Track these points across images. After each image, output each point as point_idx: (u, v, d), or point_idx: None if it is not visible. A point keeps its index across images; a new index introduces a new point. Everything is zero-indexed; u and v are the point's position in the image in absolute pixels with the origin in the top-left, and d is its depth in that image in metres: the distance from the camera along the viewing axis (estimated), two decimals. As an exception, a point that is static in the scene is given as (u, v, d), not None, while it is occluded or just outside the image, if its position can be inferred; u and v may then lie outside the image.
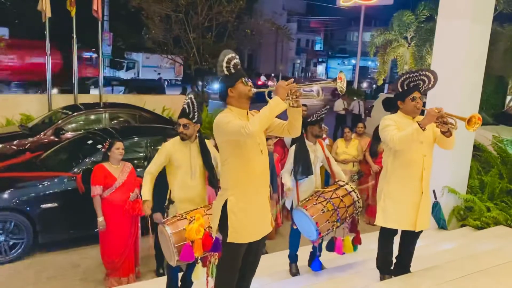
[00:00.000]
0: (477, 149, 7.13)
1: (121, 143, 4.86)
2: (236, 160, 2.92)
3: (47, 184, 5.63)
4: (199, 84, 14.96)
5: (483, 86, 6.33)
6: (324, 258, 4.56)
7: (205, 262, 3.52)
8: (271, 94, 2.89)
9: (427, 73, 3.64)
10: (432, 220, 6.08)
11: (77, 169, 5.81)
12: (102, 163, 4.85)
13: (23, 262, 5.39)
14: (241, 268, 3.07)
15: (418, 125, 3.34)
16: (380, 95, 15.67)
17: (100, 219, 4.70)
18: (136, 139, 6.64)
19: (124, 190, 4.79)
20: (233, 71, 2.93)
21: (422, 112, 3.63)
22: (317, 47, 57.09)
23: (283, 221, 6.50)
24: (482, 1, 5.93)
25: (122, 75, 28.96)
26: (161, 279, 4.25)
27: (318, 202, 4.09)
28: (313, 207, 4.07)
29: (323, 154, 4.45)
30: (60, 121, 8.64)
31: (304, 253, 4.53)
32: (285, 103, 2.76)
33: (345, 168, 7.42)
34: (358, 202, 4.25)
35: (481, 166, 6.97)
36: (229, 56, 2.93)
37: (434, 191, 6.06)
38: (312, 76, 50.84)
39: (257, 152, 2.95)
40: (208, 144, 3.98)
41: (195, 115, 3.86)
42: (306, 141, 4.32)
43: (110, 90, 20.45)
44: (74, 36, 11.52)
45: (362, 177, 7.45)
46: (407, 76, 3.66)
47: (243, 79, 2.94)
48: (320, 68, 55.66)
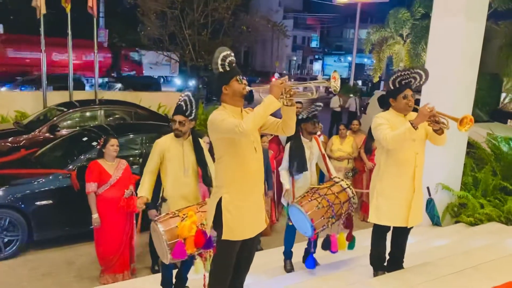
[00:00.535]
0: (471, 146, 7.17)
1: (115, 140, 4.85)
2: (231, 157, 2.93)
3: (42, 181, 5.62)
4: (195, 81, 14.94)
5: (478, 83, 6.36)
6: (318, 254, 4.57)
7: (202, 258, 3.54)
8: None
9: (418, 71, 3.67)
10: (426, 216, 6.11)
11: (72, 166, 5.80)
12: (97, 160, 4.86)
13: (18, 259, 5.39)
14: (235, 265, 3.09)
15: (411, 124, 3.36)
16: (375, 92, 15.70)
17: (94, 216, 4.70)
18: (131, 136, 6.64)
19: (119, 187, 4.79)
20: (228, 68, 2.94)
21: (414, 108, 3.64)
22: (313, 44, 57.07)
23: (279, 218, 6.52)
24: (477, -2, 5.95)
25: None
26: (156, 276, 4.25)
27: (313, 199, 4.11)
28: (308, 203, 4.09)
29: (319, 151, 4.47)
30: (55, 118, 8.62)
31: (299, 250, 4.55)
32: (279, 101, 2.77)
33: (340, 165, 7.44)
34: (353, 199, 4.26)
35: (475, 163, 7.01)
36: (224, 53, 2.93)
37: (428, 188, 6.07)
38: (308, 73, 50.81)
39: (251, 150, 2.96)
40: (201, 142, 3.98)
41: (192, 113, 3.87)
42: (302, 138, 4.34)
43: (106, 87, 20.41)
44: (69, 33, 11.47)
45: (356, 174, 7.48)
46: (398, 74, 3.68)
47: (237, 76, 2.94)
48: (316, 65, 55.65)
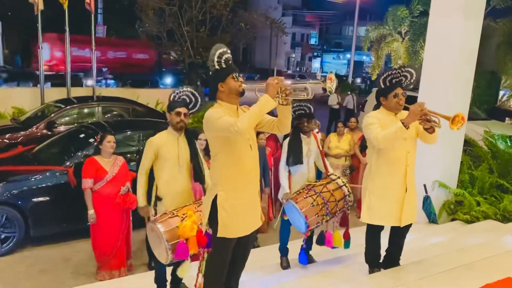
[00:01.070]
0: (468, 144, 7.19)
1: (112, 136, 4.86)
2: (226, 155, 2.93)
3: (39, 178, 5.62)
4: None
5: (476, 81, 6.38)
6: (314, 251, 4.60)
7: (196, 257, 3.51)
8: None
9: (409, 69, 3.69)
10: (423, 214, 6.14)
11: (69, 162, 5.80)
12: (94, 156, 4.86)
13: (15, 256, 5.39)
14: (231, 262, 3.10)
15: (402, 123, 3.36)
16: (373, 90, 15.71)
17: (90, 212, 4.71)
18: (129, 132, 6.64)
19: (115, 183, 4.80)
20: (224, 65, 2.94)
21: (405, 107, 3.65)
22: (312, 41, 57.01)
23: (276, 215, 6.53)
24: (474, -4, 5.96)
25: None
26: (153, 272, 4.26)
27: (309, 196, 4.13)
28: (303, 200, 4.10)
29: (317, 148, 4.48)
30: (52, 115, 8.62)
31: (296, 247, 4.56)
32: (275, 101, 2.77)
33: (338, 163, 7.45)
34: (349, 196, 4.27)
35: (472, 160, 7.03)
36: (221, 50, 2.93)
37: (425, 185, 6.11)
38: (307, 71, 50.79)
39: (246, 148, 2.97)
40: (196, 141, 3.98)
41: (197, 105, 3.92)
42: (300, 134, 4.36)
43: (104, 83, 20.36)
44: (67, 29, 11.45)
45: (354, 171, 7.49)
46: (389, 73, 3.70)
47: (234, 74, 2.94)
48: (315, 63, 55.62)
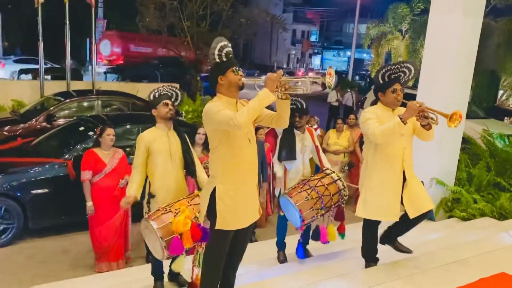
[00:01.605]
0: (466, 142, 7.23)
1: (112, 129, 4.88)
2: (225, 148, 2.95)
3: (38, 170, 5.65)
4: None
5: (475, 80, 6.42)
6: (311, 246, 4.63)
7: (192, 251, 3.53)
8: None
9: (408, 65, 3.69)
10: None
11: (68, 155, 5.82)
12: (93, 148, 4.89)
13: (14, 247, 5.43)
14: (228, 254, 3.13)
15: (400, 118, 3.38)
16: (373, 87, 15.74)
17: (89, 203, 4.75)
18: (128, 126, 6.66)
19: (114, 176, 4.82)
20: (224, 59, 2.96)
21: (403, 103, 3.66)
22: (313, 38, 56.90)
23: (274, 210, 6.56)
24: (474, -6, 5.98)
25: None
26: (150, 265, 4.29)
27: (303, 190, 4.14)
28: (298, 194, 4.12)
29: (312, 143, 4.50)
30: (52, 108, 8.64)
31: (293, 241, 4.60)
32: (274, 95, 2.79)
33: (336, 159, 7.50)
34: (344, 191, 4.29)
35: (470, 159, 7.06)
36: (222, 44, 2.96)
37: (422, 182, 6.14)
38: (308, 68, 50.73)
39: (245, 141, 2.99)
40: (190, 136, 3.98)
41: (178, 100, 3.92)
42: (294, 130, 4.37)
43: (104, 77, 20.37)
44: (67, 22, 11.44)
45: (352, 167, 7.53)
46: (388, 68, 3.69)
47: (234, 67, 2.96)
48: (316, 60, 55.54)
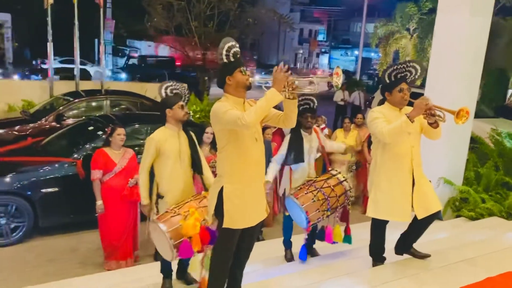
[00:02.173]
0: (475, 141, 7.18)
1: (122, 129, 4.93)
2: (232, 148, 2.98)
3: (48, 169, 5.72)
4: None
5: (484, 79, 6.39)
6: (318, 245, 4.64)
7: (201, 251, 3.54)
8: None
9: (414, 64, 3.68)
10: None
11: (77, 154, 5.88)
12: (103, 148, 4.94)
13: (24, 245, 5.50)
14: (236, 253, 3.15)
15: (407, 117, 3.38)
16: (380, 87, 15.68)
17: (98, 202, 4.80)
18: (137, 126, 6.71)
19: (123, 175, 4.87)
20: (232, 59, 2.98)
21: (410, 103, 3.66)
22: (320, 37, 56.75)
23: (280, 209, 6.57)
24: (482, -7, 5.95)
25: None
26: (159, 263, 4.33)
27: (309, 191, 4.14)
28: (304, 196, 4.13)
29: (319, 143, 4.51)
30: (61, 108, 8.73)
31: (300, 240, 4.60)
32: (281, 95, 2.81)
33: (344, 159, 7.47)
34: (350, 192, 4.29)
35: (478, 158, 7.02)
36: (229, 44, 2.98)
37: (430, 182, 6.13)
38: (315, 67, 50.62)
39: (252, 141, 3.01)
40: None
41: (186, 99, 3.93)
42: (301, 131, 4.36)
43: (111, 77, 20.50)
44: (76, 23, 11.54)
45: (360, 167, 7.52)
46: (394, 67, 3.69)
47: (241, 68, 2.98)
48: (323, 59, 55.40)
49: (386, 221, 3.87)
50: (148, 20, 14.79)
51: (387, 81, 3.71)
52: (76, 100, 9.01)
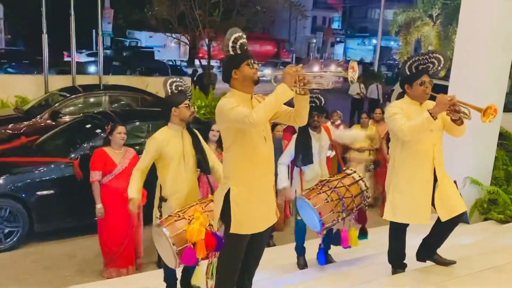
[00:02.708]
0: (504, 137, 7.11)
1: (123, 127, 4.96)
2: (239, 147, 2.99)
3: (43, 170, 5.77)
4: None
5: (513, 68, 6.30)
6: (333, 251, 4.64)
7: (206, 258, 3.55)
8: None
9: (437, 55, 3.65)
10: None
11: (74, 154, 5.92)
12: (103, 147, 4.97)
13: (19, 251, 5.55)
14: (244, 260, 3.16)
15: (429, 114, 3.36)
16: (400, 79, 15.58)
17: (98, 206, 4.84)
18: (137, 123, 6.77)
19: (124, 177, 4.86)
20: (239, 51, 2.97)
21: (431, 96, 3.63)
22: (335, 25, 56.53)
23: (292, 212, 6.58)
24: (512, -25, 5.88)
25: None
26: (162, 271, 4.36)
27: (322, 191, 4.14)
28: (317, 196, 4.12)
29: (329, 141, 4.49)
30: (57, 104, 8.79)
31: (313, 246, 4.60)
32: (292, 90, 2.81)
33: (361, 157, 7.48)
34: (366, 192, 4.28)
35: (508, 155, 6.95)
36: (236, 35, 2.97)
37: (455, 182, 6.07)
38: (329, 58, 50.45)
39: (261, 140, 3.02)
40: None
41: (189, 97, 3.94)
42: (309, 130, 4.35)
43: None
44: (72, 13, 11.61)
45: (378, 166, 7.49)
46: (415, 59, 3.66)
47: (249, 61, 2.98)
48: (338, 49, 55.18)
49: (406, 225, 3.86)
50: (149, 9, 14.84)
51: (407, 73, 3.69)
52: (73, 96, 9.06)
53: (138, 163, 3.89)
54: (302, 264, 4.60)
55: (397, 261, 3.97)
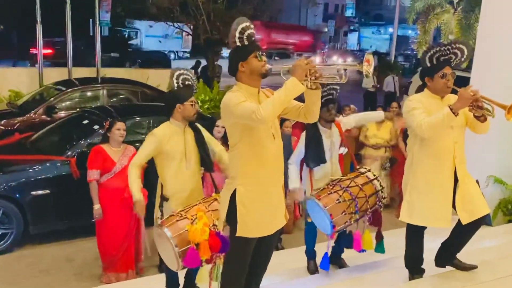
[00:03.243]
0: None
1: (122, 123, 4.99)
2: (246, 145, 3.00)
3: (38, 169, 5.81)
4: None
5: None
6: (346, 255, 4.64)
7: (210, 260, 3.56)
8: None
9: (460, 45, 3.62)
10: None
11: (71, 152, 5.97)
12: (101, 144, 5.00)
13: (13, 255, 5.61)
14: (251, 264, 3.17)
15: (450, 109, 3.34)
16: (420, 71, 15.51)
17: (96, 206, 4.86)
18: (137, 119, 6.80)
19: (124, 176, 4.86)
20: (246, 42, 2.98)
21: (453, 90, 3.62)
22: (348, 12, 56.31)
23: (302, 213, 6.58)
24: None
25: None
26: (163, 275, 4.39)
27: (334, 191, 4.13)
28: (327, 196, 4.11)
29: (341, 138, 4.49)
30: (52, 98, 8.84)
31: (324, 250, 4.61)
32: (303, 84, 2.81)
33: (376, 154, 7.47)
34: (381, 192, 4.27)
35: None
36: (243, 25, 2.98)
37: (477, 181, 6.05)
38: (342, 48, 50.30)
39: (269, 137, 3.02)
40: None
41: (194, 91, 3.96)
42: (319, 126, 4.35)
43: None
44: (68, 2, 11.66)
45: (395, 164, 7.48)
46: (436, 49, 3.63)
47: (257, 52, 2.98)
48: (352, 38, 54.97)
49: (424, 228, 3.85)
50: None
51: (428, 64, 3.67)
52: (69, 90, 9.11)
53: (134, 158, 3.92)
54: (312, 269, 4.61)
55: (414, 266, 3.97)
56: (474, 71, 6.31)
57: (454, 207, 3.73)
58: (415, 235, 3.87)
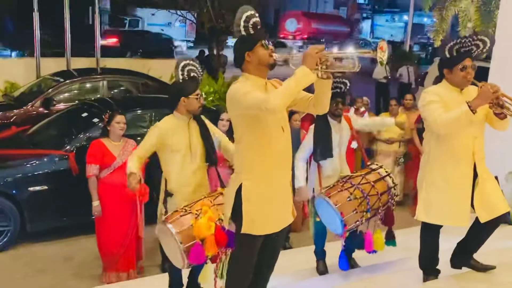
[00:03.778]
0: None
1: (122, 116, 5.00)
2: (253, 138, 3.00)
3: (36, 164, 5.85)
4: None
5: None
6: (357, 255, 4.65)
7: (215, 259, 3.59)
8: None
9: (482, 37, 3.59)
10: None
11: (70, 146, 6.00)
12: (100, 138, 5.03)
13: (9, 253, 5.65)
14: (257, 264, 3.18)
15: (468, 107, 3.33)
16: (435, 60, 15.40)
17: (95, 203, 4.89)
18: (139, 111, 6.82)
19: (124, 171, 4.89)
20: (252, 31, 2.98)
21: (473, 82, 3.60)
22: (361, -1, 56.02)
23: (309, 214, 6.58)
24: None
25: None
26: (166, 275, 4.41)
27: (344, 189, 4.13)
28: (338, 194, 4.11)
29: (351, 133, 4.48)
30: (50, 90, 8.87)
31: (334, 249, 4.61)
32: (314, 74, 2.80)
33: (389, 149, 7.46)
34: (394, 189, 4.27)
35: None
36: (248, 13, 2.98)
37: (496, 178, 6.03)
38: (354, 36, 50.07)
39: (277, 130, 3.02)
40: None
41: (199, 83, 3.97)
42: (329, 119, 4.35)
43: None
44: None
45: (410, 160, 7.46)
46: (457, 41, 3.60)
47: (263, 41, 2.98)
48: (365, 26, 54.68)
49: (440, 226, 3.84)
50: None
51: (447, 55, 3.64)
52: (68, 81, 9.16)
53: (136, 149, 3.96)
54: (322, 269, 4.62)
55: (429, 267, 3.96)
56: (494, 61, 6.27)
57: (471, 204, 3.72)
58: (430, 234, 3.87)
